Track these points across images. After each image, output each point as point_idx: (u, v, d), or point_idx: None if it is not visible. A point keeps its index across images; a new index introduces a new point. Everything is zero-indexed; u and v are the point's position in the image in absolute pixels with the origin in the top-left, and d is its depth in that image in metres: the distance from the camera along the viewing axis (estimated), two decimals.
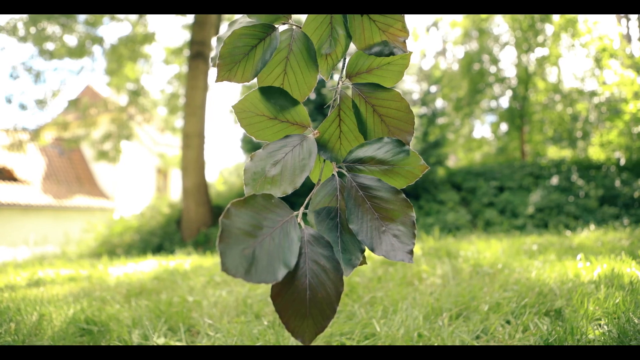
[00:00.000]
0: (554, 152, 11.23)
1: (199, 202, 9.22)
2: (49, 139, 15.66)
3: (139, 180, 18.18)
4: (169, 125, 12.57)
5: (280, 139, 0.89)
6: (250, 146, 10.79)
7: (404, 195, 0.84)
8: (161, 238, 8.98)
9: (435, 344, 1.45)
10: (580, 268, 2.38)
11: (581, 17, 11.07)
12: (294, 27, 0.90)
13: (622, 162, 9.59)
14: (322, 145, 0.93)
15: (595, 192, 8.70)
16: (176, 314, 1.75)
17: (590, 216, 8.19)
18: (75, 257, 7.80)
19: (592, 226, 5.66)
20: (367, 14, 0.87)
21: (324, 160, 0.96)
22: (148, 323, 1.61)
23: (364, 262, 0.88)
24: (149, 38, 11.35)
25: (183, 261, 3.87)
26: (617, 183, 8.89)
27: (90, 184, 17.20)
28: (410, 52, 0.88)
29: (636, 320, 1.44)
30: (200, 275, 3.00)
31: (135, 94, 11.91)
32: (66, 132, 11.59)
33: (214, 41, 0.97)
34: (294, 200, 7.64)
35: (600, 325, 1.54)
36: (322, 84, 9.06)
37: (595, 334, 1.43)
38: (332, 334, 1.62)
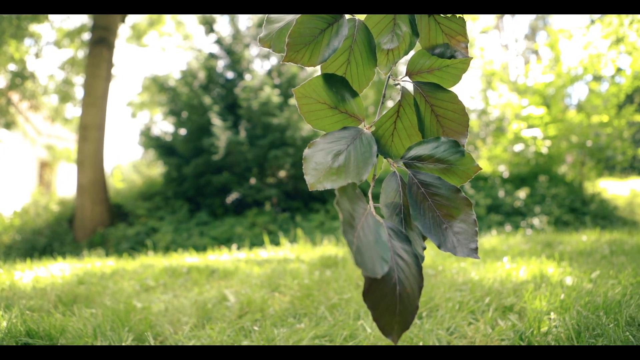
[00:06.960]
0: None
1: (96, 200, 8.46)
2: None
3: (17, 174, 16.11)
4: (60, 115, 11.35)
5: (338, 130, 0.86)
6: (154, 142, 10.13)
7: (463, 194, 0.85)
8: (49, 238, 8.06)
9: (420, 344, 1.49)
10: (509, 269, 2.61)
11: (475, 42, 12.21)
12: (357, 17, 0.88)
13: (506, 175, 10.77)
14: (375, 140, 0.91)
15: (484, 201, 9.62)
16: (140, 321, 1.57)
17: (480, 223, 9.05)
18: None
19: (494, 231, 6.25)
20: (432, 15, 0.87)
21: (377, 155, 0.94)
22: (111, 333, 1.43)
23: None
24: (38, 16, 10.15)
25: (101, 264, 3.52)
26: (501, 193, 9.94)
27: None
28: (471, 57, 0.90)
29: (585, 313, 1.62)
30: (130, 279, 2.75)
31: (19, 77, 10.56)
32: None
33: (121, 28, 0.90)
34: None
35: (551, 319, 1.70)
36: None
37: (551, 326, 1.58)
38: (312, 337, 1.59)
